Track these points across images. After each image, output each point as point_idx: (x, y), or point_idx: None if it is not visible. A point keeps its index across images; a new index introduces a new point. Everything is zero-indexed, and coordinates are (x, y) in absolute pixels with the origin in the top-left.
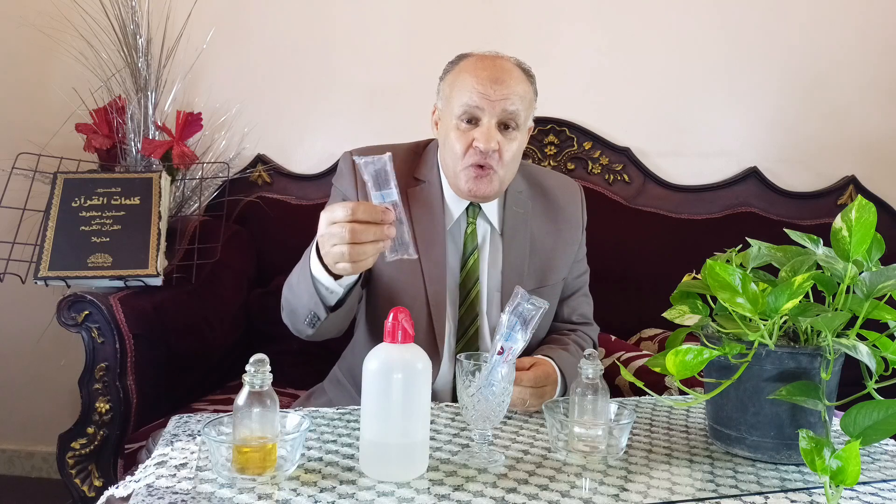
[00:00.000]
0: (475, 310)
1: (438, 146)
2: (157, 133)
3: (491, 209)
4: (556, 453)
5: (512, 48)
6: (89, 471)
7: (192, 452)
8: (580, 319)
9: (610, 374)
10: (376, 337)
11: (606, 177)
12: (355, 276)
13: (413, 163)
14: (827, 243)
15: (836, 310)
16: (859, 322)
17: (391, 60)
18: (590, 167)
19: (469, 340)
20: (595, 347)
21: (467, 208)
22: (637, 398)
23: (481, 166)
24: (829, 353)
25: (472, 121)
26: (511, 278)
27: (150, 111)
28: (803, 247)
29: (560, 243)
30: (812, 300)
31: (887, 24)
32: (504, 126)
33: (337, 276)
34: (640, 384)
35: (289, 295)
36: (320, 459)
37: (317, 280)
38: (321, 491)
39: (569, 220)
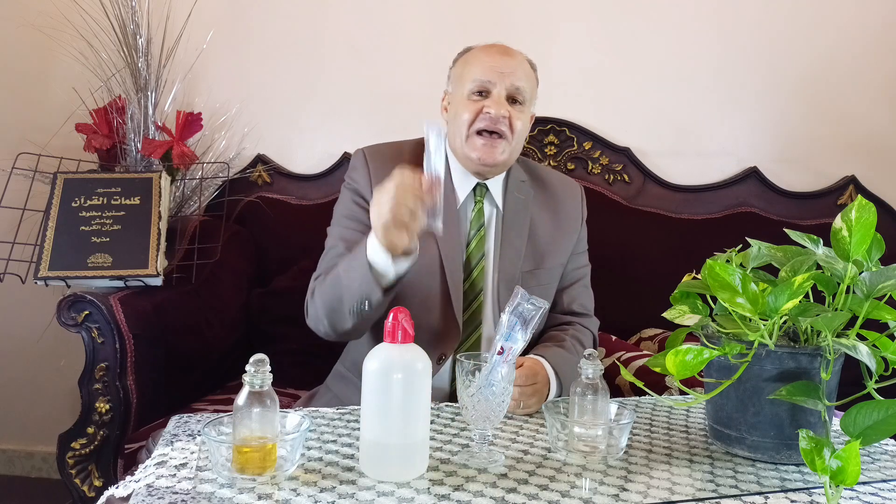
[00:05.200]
0: (478, 287)
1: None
2: (157, 133)
3: (496, 190)
4: (556, 453)
5: (512, 47)
6: (89, 471)
7: (192, 452)
8: (580, 310)
9: (610, 374)
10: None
11: (606, 177)
12: (406, 267)
13: (421, 153)
14: (827, 243)
15: (836, 310)
16: (859, 322)
17: (391, 61)
18: (590, 167)
19: (472, 315)
20: (595, 341)
21: (474, 189)
22: (637, 398)
23: (492, 134)
24: (829, 353)
25: (483, 93)
26: (509, 258)
27: (150, 111)
28: (803, 247)
29: (559, 232)
30: (812, 300)
31: (887, 23)
32: (512, 100)
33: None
34: (640, 384)
35: (330, 290)
36: (320, 459)
37: (373, 264)
38: (321, 491)
39: (568, 213)
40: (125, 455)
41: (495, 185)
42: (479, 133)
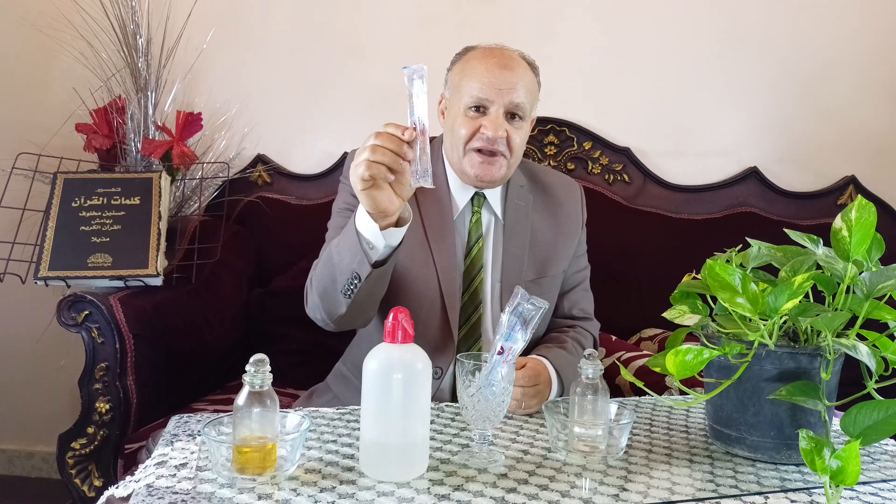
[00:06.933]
0: (478, 298)
1: (443, 139)
2: (157, 133)
3: (495, 200)
4: (556, 453)
5: (512, 47)
6: (89, 471)
7: (192, 452)
8: (581, 314)
9: (610, 374)
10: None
11: (606, 177)
12: (398, 239)
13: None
14: (827, 243)
15: (836, 310)
16: (859, 322)
17: (391, 60)
18: (590, 167)
19: (472, 327)
20: (596, 343)
21: (472, 198)
22: (637, 398)
23: (490, 153)
24: (829, 353)
25: (481, 109)
26: (511, 268)
27: (150, 111)
28: (803, 247)
29: (560, 237)
30: (812, 300)
31: (887, 22)
32: (511, 115)
33: (383, 228)
34: (640, 384)
35: (323, 270)
36: (320, 459)
37: (361, 235)
38: (321, 491)
39: (569, 216)
40: (125, 455)
41: (493, 193)
42: (477, 150)
